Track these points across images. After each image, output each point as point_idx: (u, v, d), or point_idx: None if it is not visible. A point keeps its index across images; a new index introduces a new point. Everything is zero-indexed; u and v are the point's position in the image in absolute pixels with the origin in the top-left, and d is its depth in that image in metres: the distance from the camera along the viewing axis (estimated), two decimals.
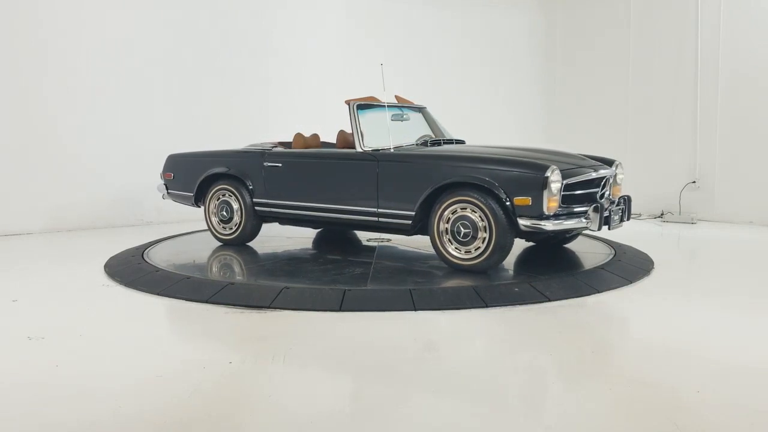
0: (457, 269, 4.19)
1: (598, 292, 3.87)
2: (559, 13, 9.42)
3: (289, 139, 5.57)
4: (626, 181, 5.21)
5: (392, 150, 4.56)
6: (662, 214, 7.73)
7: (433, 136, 5.03)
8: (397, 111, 4.98)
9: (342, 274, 4.18)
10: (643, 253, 5.04)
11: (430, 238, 4.28)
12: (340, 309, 3.50)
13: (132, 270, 4.41)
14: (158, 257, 4.80)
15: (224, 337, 3.16)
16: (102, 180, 6.85)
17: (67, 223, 6.69)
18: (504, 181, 3.97)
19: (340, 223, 4.82)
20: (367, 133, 4.61)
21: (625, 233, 6.06)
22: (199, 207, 5.55)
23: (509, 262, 4.54)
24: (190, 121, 7.33)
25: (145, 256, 4.81)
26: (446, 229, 4.18)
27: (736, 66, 7.20)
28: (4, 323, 3.37)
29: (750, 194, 7.11)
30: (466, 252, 4.13)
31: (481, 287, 3.77)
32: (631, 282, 4.14)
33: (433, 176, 4.20)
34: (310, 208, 4.84)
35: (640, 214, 7.93)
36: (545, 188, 3.87)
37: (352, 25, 8.48)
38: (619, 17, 8.46)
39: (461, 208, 4.11)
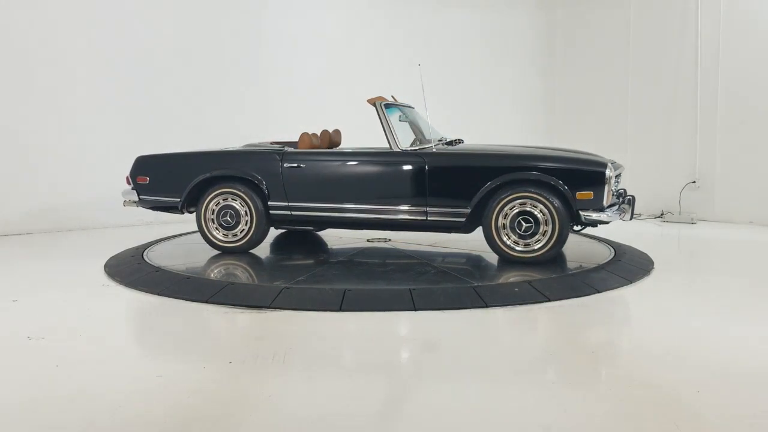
0: (513, 262, 4.40)
1: (598, 292, 3.87)
2: (559, 13, 9.42)
3: (285, 138, 5.56)
4: (626, 181, 5.23)
5: (434, 149, 4.61)
6: (662, 214, 7.73)
7: (423, 135, 5.04)
8: (402, 111, 5.01)
9: (424, 273, 4.17)
10: (643, 253, 5.04)
11: (486, 233, 4.42)
12: (340, 309, 3.50)
13: (132, 270, 4.41)
14: (158, 257, 4.80)
15: (224, 337, 3.16)
16: (102, 180, 6.84)
17: (66, 223, 6.69)
18: (567, 177, 4.25)
19: (381, 224, 4.69)
20: (400, 133, 4.64)
21: (625, 233, 6.06)
22: (184, 213, 5.12)
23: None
24: (190, 121, 7.32)
25: (145, 256, 4.81)
26: (504, 224, 4.36)
27: (736, 66, 7.19)
28: (4, 323, 3.37)
29: (750, 194, 7.11)
30: (525, 245, 4.35)
31: (481, 287, 3.77)
32: (631, 282, 4.14)
33: (490, 174, 4.34)
34: (344, 210, 4.64)
35: (640, 214, 7.93)
36: (606, 183, 4.23)
37: (351, 25, 8.47)
38: (619, 17, 8.46)
39: (520, 204, 4.30)
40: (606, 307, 3.68)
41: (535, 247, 4.34)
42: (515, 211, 4.33)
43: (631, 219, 4.59)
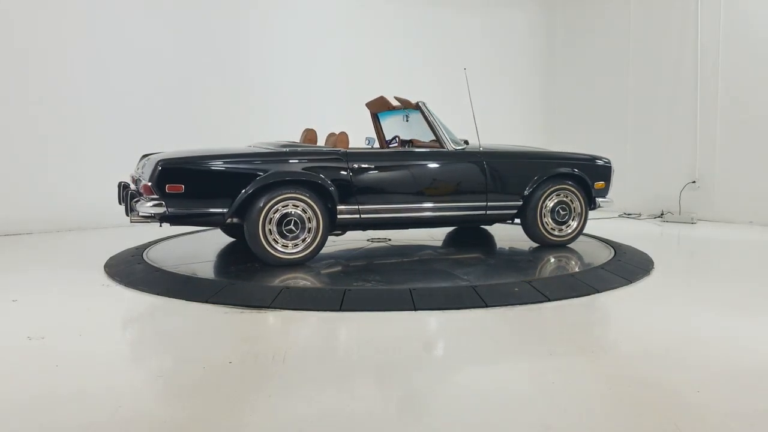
0: (550, 246, 5.05)
1: (598, 292, 3.87)
2: (559, 13, 9.43)
3: (286, 139, 5.55)
4: (626, 181, 5.27)
5: (482, 148, 4.99)
6: (662, 214, 7.73)
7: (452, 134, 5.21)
8: (406, 112, 5.21)
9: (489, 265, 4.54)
10: (643, 253, 5.04)
11: (530, 222, 4.99)
12: (340, 309, 3.50)
13: (132, 270, 4.41)
14: (158, 257, 4.79)
15: (224, 337, 3.16)
16: (102, 180, 6.83)
17: (67, 223, 6.69)
18: (589, 171, 5.09)
19: (444, 221, 5.01)
20: (448, 132, 4.93)
21: (625, 233, 6.06)
22: (224, 224, 4.46)
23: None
24: (188, 122, 7.32)
25: (145, 256, 4.80)
26: (545, 213, 4.98)
27: (736, 66, 7.20)
28: (4, 323, 3.37)
29: (750, 194, 7.11)
30: (560, 230, 5.05)
31: (481, 287, 3.77)
32: (631, 282, 4.14)
33: (537, 170, 4.96)
34: (420, 209, 4.69)
35: (640, 214, 7.93)
36: (612, 174, 5.24)
37: (350, 26, 8.47)
38: (619, 17, 8.47)
39: (557, 195, 5.00)
40: (606, 307, 3.68)
41: (567, 231, 5.06)
42: (554, 202, 4.97)
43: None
